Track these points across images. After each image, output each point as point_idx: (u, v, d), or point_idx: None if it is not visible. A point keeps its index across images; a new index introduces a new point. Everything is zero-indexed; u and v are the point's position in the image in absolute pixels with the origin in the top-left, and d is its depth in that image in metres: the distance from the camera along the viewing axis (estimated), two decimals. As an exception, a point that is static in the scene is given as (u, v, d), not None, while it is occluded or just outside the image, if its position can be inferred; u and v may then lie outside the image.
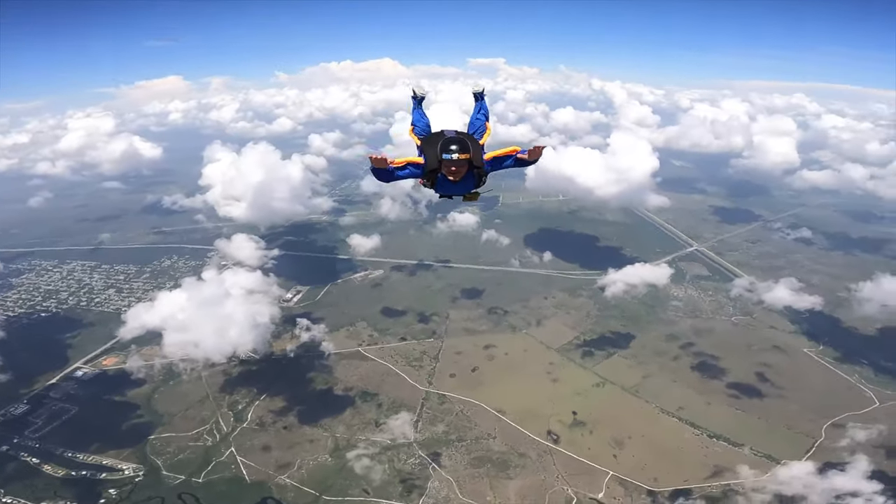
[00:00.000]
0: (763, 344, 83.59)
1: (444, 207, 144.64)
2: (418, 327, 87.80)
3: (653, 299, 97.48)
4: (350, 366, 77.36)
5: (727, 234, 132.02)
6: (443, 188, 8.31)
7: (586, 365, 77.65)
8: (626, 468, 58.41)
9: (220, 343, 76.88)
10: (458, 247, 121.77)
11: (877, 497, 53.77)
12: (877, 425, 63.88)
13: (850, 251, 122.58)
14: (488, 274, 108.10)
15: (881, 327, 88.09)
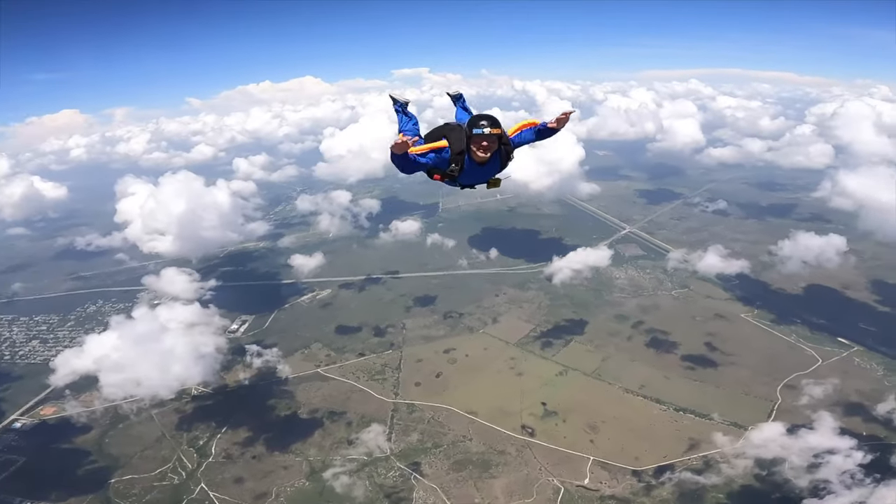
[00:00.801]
0: (705, 314, 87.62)
1: (384, 218, 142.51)
2: (375, 341, 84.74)
3: (598, 284, 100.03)
4: (311, 388, 73.68)
5: (654, 215, 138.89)
6: (467, 175, 7.65)
7: (547, 355, 77.85)
8: (606, 451, 58.54)
9: (164, 379, 71.95)
10: (404, 256, 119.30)
11: (854, 452, 55.59)
12: (828, 382, 67.29)
13: (762, 218, 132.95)
14: (438, 279, 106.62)
15: (805, 286, 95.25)
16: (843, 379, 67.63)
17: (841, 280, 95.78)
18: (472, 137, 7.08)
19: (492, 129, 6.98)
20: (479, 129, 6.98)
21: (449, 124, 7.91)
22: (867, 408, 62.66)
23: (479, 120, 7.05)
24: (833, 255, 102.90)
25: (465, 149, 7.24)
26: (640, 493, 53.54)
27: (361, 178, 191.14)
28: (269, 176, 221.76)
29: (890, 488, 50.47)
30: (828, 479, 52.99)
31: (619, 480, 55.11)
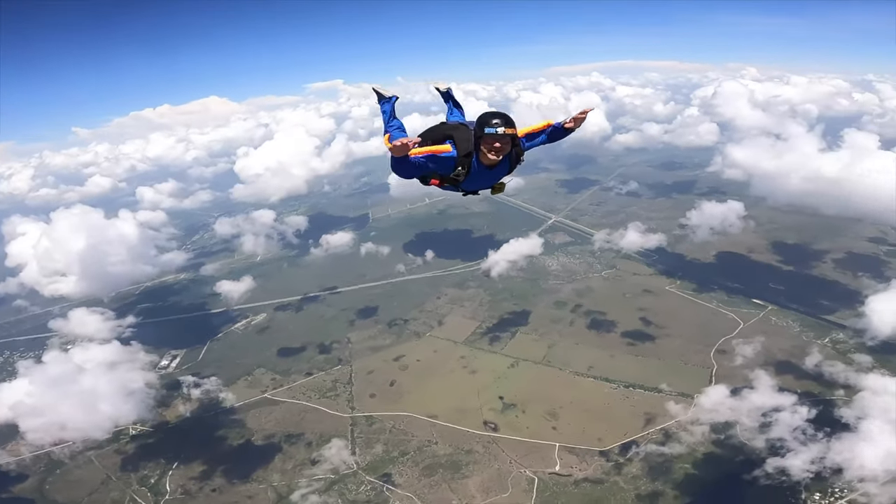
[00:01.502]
0: (634, 290, 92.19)
1: (313, 234, 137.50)
2: (322, 359, 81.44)
3: (533, 274, 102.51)
4: (261, 414, 69.91)
5: (576, 202, 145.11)
6: (472, 180, 7.05)
7: (496, 350, 78.39)
8: (569, 436, 59.49)
9: (92, 420, 67.28)
10: (339, 270, 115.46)
11: (798, 408, 59.15)
12: (754, 342, 72.05)
13: (669, 195, 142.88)
14: (378, 289, 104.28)
15: (716, 253, 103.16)
16: (766, 338, 72.93)
17: (746, 245, 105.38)
18: (484, 138, 6.43)
19: (506, 129, 6.36)
20: (491, 129, 6.34)
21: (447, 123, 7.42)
22: (795, 364, 67.60)
23: (492, 118, 6.41)
24: (735, 221, 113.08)
25: (473, 150, 6.62)
26: (612, 473, 54.77)
27: (284, 195, 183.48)
28: (181, 203, 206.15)
29: (843, 441, 53.62)
30: (782, 437, 55.98)
31: (588, 463, 56.18)
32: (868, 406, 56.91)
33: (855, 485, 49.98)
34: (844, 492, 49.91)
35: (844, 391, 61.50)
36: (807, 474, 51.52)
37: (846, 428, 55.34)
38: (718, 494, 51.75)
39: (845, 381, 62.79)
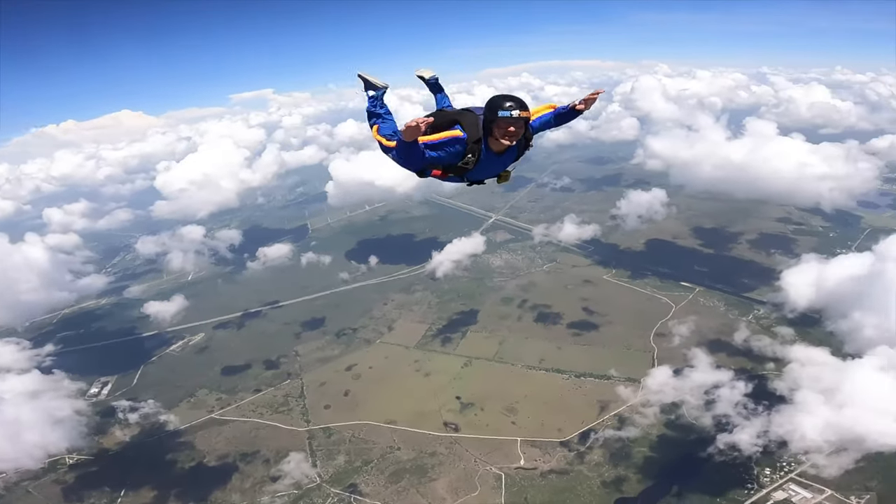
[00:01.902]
0: (575, 281, 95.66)
1: (248, 248, 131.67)
2: (269, 374, 78.49)
3: (478, 273, 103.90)
4: (210, 434, 66.68)
5: (514, 200, 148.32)
6: (480, 168, 6.71)
7: (448, 351, 78.71)
8: (530, 430, 60.57)
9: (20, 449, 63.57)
10: (279, 283, 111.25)
11: (736, 384, 63.02)
12: (687, 323, 76.52)
13: (600, 189, 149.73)
14: (322, 300, 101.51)
15: (645, 241, 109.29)
16: (697, 319, 77.73)
17: (671, 231, 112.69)
18: (498, 121, 6.14)
19: (521, 112, 6.11)
20: (506, 112, 6.06)
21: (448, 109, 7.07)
22: (726, 342, 72.36)
23: (505, 101, 6.13)
24: (659, 208, 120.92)
25: (482, 136, 6.37)
26: (575, 462, 56.25)
27: (213, 210, 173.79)
28: (95, 224, 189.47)
29: (783, 414, 56.92)
30: (727, 413, 59.18)
31: (551, 455, 57.39)
32: (798, 377, 61.22)
33: (801, 457, 53.17)
34: (792, 465, 53.05)
35: (774, 364, 66.55)
36: (755, 448, 54.60)
37: (782, 400, 59.22)
38: (678, 474, 53.94)
39: (773, 355, 68.07)
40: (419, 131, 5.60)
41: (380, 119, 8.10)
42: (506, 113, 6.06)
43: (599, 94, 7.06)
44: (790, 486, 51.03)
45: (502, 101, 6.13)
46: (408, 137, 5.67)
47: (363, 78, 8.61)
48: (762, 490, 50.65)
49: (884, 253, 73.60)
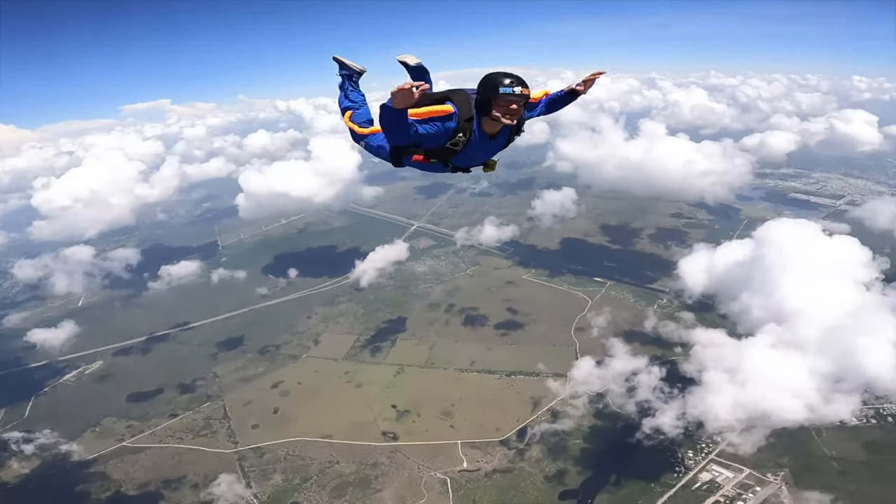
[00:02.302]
0: (498, 283, 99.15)
1: (148, 267, 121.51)
2: (185, 398, 73.64)
3: (403, 281, 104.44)
4: (125, 463, 61.96)
5: (435, 207, 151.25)
6: (469, 153, 6.22)
7: (379, 360, 78.38)
8: (468, 432, 61.60)
9: None
10: (188, 304, 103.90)
11: (652, 369, 68.22)
12: (603, 316, 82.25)
13: (515, 192, 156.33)
14: (239, 318, 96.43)
15: (560, 240, 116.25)
16: (611, 311, 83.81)
17: (581, 230, 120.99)
18: (498, 99, 5.73)
19: (523, 90, 5.74)
20: (507, 89, 5.67)
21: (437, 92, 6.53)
22: (638, 331, 78.72)
23: (504, 78, 5.73)
24: (571, 207, 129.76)
25: (475, 115, 5.95)
26: (516, 460, 57.73)
27: (104, 229, 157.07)
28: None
29: (695, 396, 61.65)
30: (648, 399, 63.80)
31: (492, 455, 58.60)
32: (703, 359, 67.44)
33: (717, 437, 58.00)
34: (711, 445, 57.62)
35: (681, 348, 73.43)
36: (678, 431, 59.17)
37: (693, 382, 64.74)
38: (613, 463, 56.56)
39: (679, 339, 75.20)
40: (412, 97, 4.99)
41: (354, 104, 7.75)
42: (508, 90, 5.68)
43: (601, 74, 6.81)
44: (712, 466, 54.91)
45: (502, 77, 5.75)
46: (398, 103, 5.04)
47: (339, 61, 8.14)
48: (689, 473, 54.26)
49: (761, 239, 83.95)
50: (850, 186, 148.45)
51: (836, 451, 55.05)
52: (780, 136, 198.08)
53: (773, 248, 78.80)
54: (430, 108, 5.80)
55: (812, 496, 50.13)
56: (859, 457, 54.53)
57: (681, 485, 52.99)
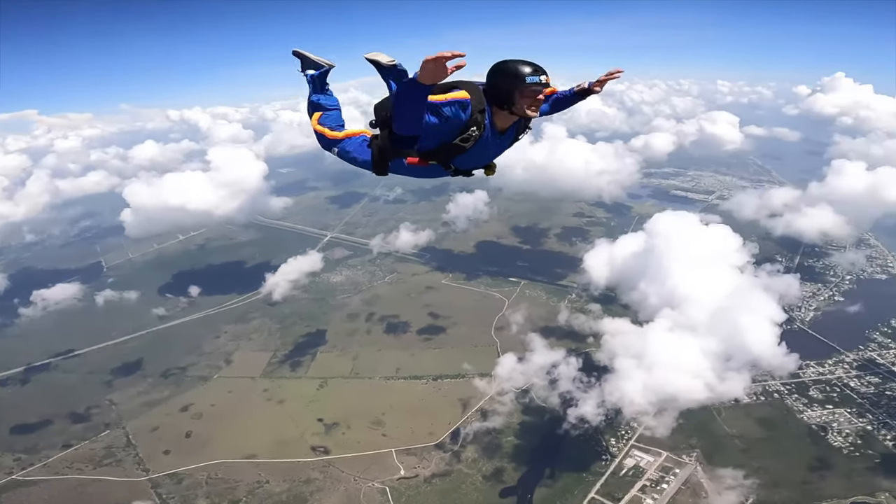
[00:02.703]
0: (417, 289, 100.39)
1: (18, 293, 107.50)
2: (79, 428, 67.34)
3: (319, 293, 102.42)
4: (18, 496, 57.11)
5: (349, 216, 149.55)
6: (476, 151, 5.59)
7: (300, 375, 76.30)
8: (401, 440, 61.60)
9: None
10: (70, 330, 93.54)
11: (569, 360, 72.34)
12: (520, 314, 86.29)
13: (430, 198, 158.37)
14: (134, 342, 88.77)
15: (475, 243, 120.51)
16: (527, 309, 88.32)
17: (494, 232, 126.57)
18: (523, 88, 5.18)
19: (546, 79, 5.22)
20: (534, 77, 5.10)
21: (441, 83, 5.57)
22: (553, 326, 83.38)
23: (526, 66, 5.17)
24: (483, 209, 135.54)
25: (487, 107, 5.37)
26: (453, 462, 58.58)
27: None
28: None
29: (610, 383, 65.85)
30: (569, 390, 67.48)
31: (428, 459, 58.86)
32: (612, 347, 72.80)
33: (634, 422, 62.06)
34: (629, 430, 60.74)
35: (593, 338, 79.25)
36: (599, 418, 63.00)
37: (606, 370, 69.63)
38: (546, 456, 58.87)
39: (590, 331, 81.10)
40: (444, 72, 4.27)
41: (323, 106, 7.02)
42: (535, 78, 5.12)
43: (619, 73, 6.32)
44: (634, 452, 58.23)
45: (523, 65, 5.20)
46: (426, 78, 4.34)
47: (300, 55, 7.35)
48: (615, 460, 57.41)
49: (651, 233, 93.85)
50: (719, 182, 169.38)
51: (736, 429, 60.75)
52: (661, 137, 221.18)
53: (661, 239, 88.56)
54: (445, 95, 5.09)
55: (726, 473, 54.58)
56: (757, 434, 60.38)
57: (609, 472, 56.08)
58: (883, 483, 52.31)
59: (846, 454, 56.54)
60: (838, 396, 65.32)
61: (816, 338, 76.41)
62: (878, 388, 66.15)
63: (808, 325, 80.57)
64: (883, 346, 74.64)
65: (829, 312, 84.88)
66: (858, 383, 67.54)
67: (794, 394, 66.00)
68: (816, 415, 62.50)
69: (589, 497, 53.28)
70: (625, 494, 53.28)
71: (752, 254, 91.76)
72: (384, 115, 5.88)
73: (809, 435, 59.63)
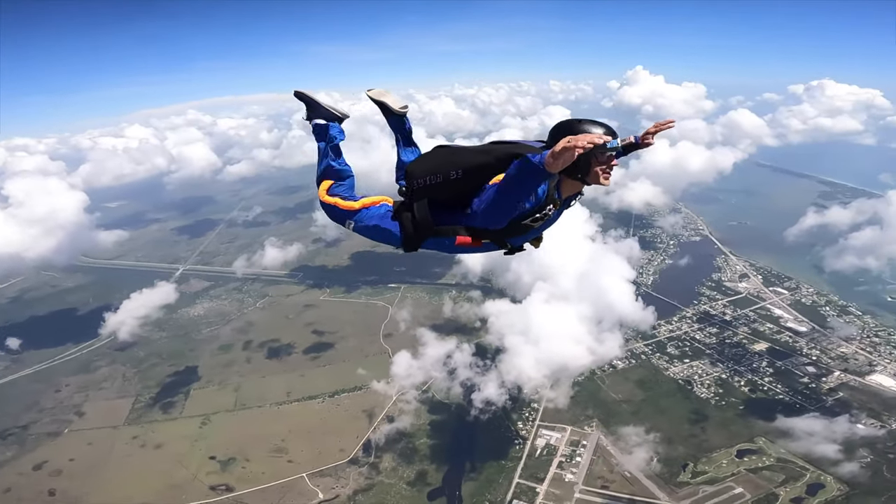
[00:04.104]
0: (296, 309, 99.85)
1: None
2: None
3: (179, 330, 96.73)
4: None
5: (203, 246, 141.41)
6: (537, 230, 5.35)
7: (174, 416, 72.03)
8: (311, 462, 61.07)
9: None
10: None
11: (462, 346, 77.97)
12: (405, 318, 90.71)
13: (295, 217, 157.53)
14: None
15: (349, 255, 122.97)
16: (412, 311, 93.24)
17: (368, 242, 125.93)
18: (601, 156, 4.87)
19: (620, 141, 4.80)
20: (614, 142, 4.61)
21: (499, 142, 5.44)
22: (441, 322, 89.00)
23: (599, 128, 4.85)
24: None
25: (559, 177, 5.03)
26: (373, 475, 59.45)
27: None
28: None
29: (504, 363, 72.68)
30: (468, 377, 72.41)
31: (346, 477, 59.27)
32: (499, 328, 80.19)
33: (534, 396, 67.76)
34: (532, 405, 67.19)
35: (480, 323, 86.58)
36: (504, 397, 68.04)
37: (499, 351, 76.00)
38: (463, 450, 61.74)
39: (476, 317, 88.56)
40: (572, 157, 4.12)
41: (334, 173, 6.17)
42: (615, 143, 4.63)
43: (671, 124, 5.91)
44: (542, 431, 62.88)
45: (596, 127, 4.86)
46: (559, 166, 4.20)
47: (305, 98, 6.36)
48: (527, 442, 61.69)
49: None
50: None
51: (622, 394, 68.60)
52: (510, 133, 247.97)
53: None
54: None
55: (627, 432, 61.49)
56: (638, 396, 68.35)
57: (526, 455, 60.09)
58: (754, 429, 62.08)
59: (714, 405, 66.76)
60: (691, 350, 79.04)
61: (661, 299, 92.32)
62: (719, 339, 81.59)
63: (651, 288, 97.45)
64: (712, 298, 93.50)
65: (665, 274, 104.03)
66: (702, 335, 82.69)
67: (656, 353, 78.55)
68: (679, 370, 74.47)
69: (514, 483, 56.76)
70: (546, 474, 57.51)
71: (598, 224, 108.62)
72: (422, 184, 5.21)
73: (679, 390, 70.34)
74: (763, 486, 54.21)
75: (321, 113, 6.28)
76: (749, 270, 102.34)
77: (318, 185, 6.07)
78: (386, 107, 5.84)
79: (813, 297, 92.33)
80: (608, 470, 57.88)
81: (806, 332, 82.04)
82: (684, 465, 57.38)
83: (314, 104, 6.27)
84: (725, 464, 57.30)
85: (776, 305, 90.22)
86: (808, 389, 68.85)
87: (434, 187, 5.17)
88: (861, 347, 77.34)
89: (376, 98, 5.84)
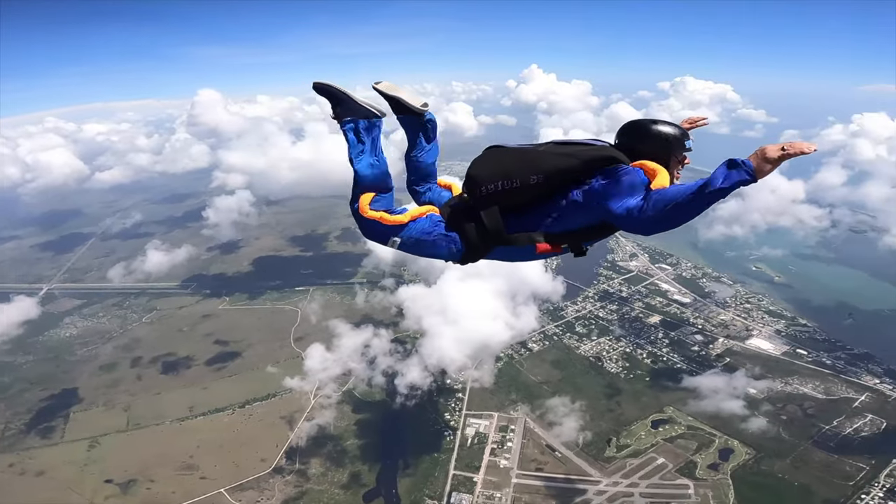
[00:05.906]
0: (190, 321, 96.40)
1: None
2: None
3: (49, 352, 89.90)
4: None
5: (72, 262, 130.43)
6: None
7: (55, 441, 67.61)
8: (227, 477, 59.67)
9: None
10: None
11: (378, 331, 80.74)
12: (316, 320, 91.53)
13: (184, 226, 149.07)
14: None
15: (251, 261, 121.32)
16: (323, 312, 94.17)
17: (271, 247, 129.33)
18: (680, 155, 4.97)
19: None
20: (690, 142, 4.87)
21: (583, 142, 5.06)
22: (355, 318, 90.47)
23: (676, 128, 4.95)
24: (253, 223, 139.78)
25: None
26: (301, 482, 59.15)
27: None
28: None
29: (425, 347, 75.86)
30: (390, 365, 75.17)
31: (271, 488, 58.60)
32: (415, 311, 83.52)
33: (459, 379, 70.75)
34: (458, 394, 69.81)
35: (396, 310, 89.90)
36: (428, 380, 70.28)
37: (418, 335, 79.12)
38: (392, 444, 63.18)
39: (391, 304, 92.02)
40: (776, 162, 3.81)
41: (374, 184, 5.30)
42: (690, 143, 4.84)
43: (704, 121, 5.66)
44: (470, 420, 65.50)
45: (673, 128, 4.92)
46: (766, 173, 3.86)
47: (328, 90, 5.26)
48: (457, 433, 63.85)
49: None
50: (461, 167, 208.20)
51: (539, 376, 72.81)
52: None
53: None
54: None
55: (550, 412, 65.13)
56: (555, 376, 72.82)
57: (457, 446, 62.02)
58: (662, 399, 68.02)
59: (624, 378, 72.92)
60: (597, 327, 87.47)
61: (566, 282, 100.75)
62: (619, 315, 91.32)
63: (555, 271, 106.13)
64: (608, 277, 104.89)
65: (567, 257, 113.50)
66: (604, 312, 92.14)
67: (566, 333, 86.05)
68: (588, 347, 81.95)
69: (451, 474, 58.49)
70: (480, 462, 59.70)
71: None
72: (493, 190, 4.84)
73: (592, 368, 76.66)
74: (681, 454, 59.48)
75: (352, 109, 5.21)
76: (637, 250, 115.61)
77: (355, 201, 5.27)
78: (400, 103, 5.17)
79: (692, 271, 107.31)
80: (539, 452, 61.28)
81: (690, 302, 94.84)
82: (608, 441, 62.01)
83: (341, 97, 5.21)
84: (644, 435, 62.71)
85: (663, 280, 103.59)
86: (699, 357, 78.87)
87: (508, 193, 4.81)
88: (737, 314, 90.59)
89: (388, 93, 5.14)
